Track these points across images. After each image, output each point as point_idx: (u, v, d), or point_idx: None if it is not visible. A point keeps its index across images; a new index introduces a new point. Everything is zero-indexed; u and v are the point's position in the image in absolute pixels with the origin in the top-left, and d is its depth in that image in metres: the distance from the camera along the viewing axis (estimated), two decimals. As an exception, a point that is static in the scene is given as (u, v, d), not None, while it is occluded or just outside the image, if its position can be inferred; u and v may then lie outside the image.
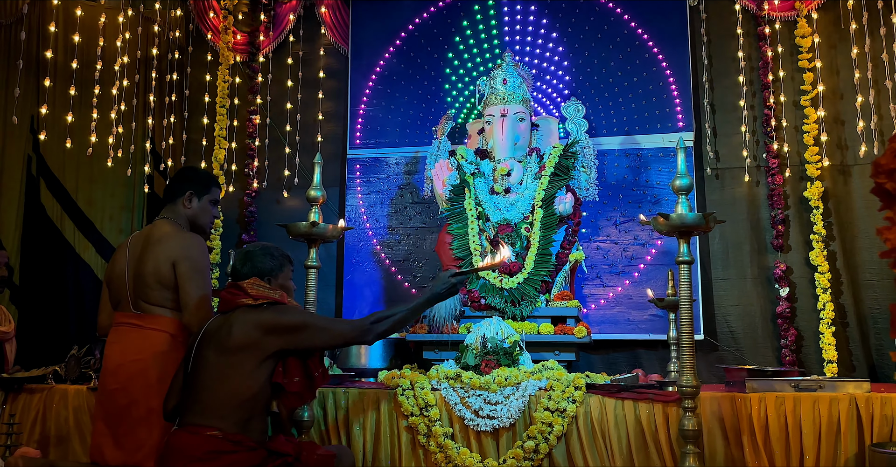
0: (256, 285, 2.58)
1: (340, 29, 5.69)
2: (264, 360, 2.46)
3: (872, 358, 4.47)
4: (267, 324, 2.47)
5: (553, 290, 4.40)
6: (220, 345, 2.46)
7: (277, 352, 2.49)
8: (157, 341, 2.77)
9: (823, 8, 4.88)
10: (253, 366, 2.44)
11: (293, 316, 2.53)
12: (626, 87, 5.16)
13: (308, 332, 2.51)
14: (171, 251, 2.80)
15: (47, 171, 5.29)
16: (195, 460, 2.32)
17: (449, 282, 2.67)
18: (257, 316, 2.49)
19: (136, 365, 2.75)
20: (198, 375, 2.47)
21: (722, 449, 3.12)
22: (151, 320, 2.81)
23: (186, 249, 2.83)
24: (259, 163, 5.62)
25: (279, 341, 2.48)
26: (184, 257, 2.79)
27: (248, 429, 2.43)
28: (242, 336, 2.45)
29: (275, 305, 2.56)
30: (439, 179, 4.72)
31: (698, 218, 2.86)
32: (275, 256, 2.69)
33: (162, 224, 2.93)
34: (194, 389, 2.46)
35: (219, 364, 2.44)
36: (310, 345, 2.53)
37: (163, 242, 2.84)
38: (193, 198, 2.97)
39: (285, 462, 2.45)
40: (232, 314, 2.53)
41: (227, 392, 2.41)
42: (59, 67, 5.19)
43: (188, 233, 2.92)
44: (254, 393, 2.44)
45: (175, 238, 2.86)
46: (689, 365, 2.88)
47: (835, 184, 4.73)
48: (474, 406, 3.37)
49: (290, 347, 2.50)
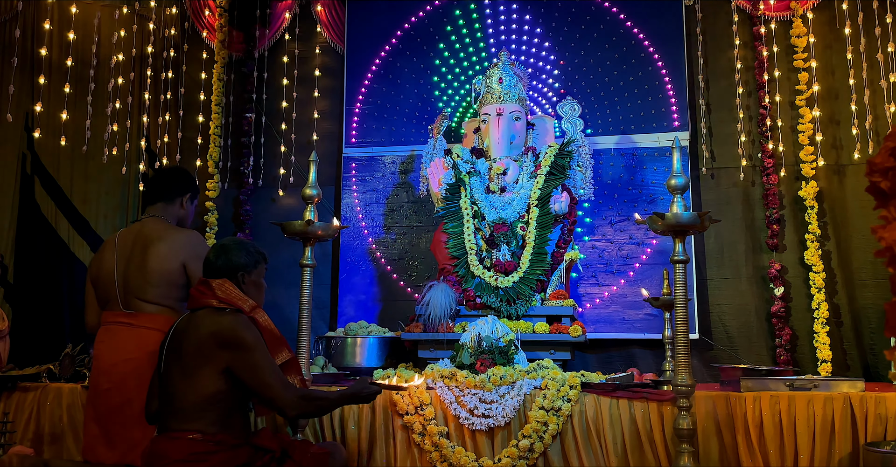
0: (225, 287, 2.51)
1: (336, 27, 5.68)
2: (221, 371, 2.38)
3: (867, 358, 4.48)
4: (222, 335, 2.38)
5: (548, 289, 4.40)
6: (188, 345, 2.41)
7: (228, 369, 2.39)
8: (151, 340, 2.74)
9: (819, 8, 4.89)
10: (214, 372, 2.37)
11: (249, 334, 2.40)
12: (622, 87, 5.16)
13: (249, 360, 2.37)
14: (181, 250, 2.83)
15: (42, 169, 5.27)
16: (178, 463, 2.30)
17: (370, 388, 2.65)
18: (217, 320, 2.41)
19: (129, 364, 2.74)
20: (170, 377, 2.44)
21: (716, 448, 3.13)
22: (146, 319, 2.79)
23: (196, 248, 2.86)
24: (254, 162, 5.61)
25: (227, 357, 2.37)
26: (196, 256, 2.80)
27: (228, 427, 2.40)
28: (197, 343, 2.39)
29: (238, 315, 2.47)
30: (435, 178, 4.72)
31: (693, 217, 2.87)
32: (250, 252, 2.63)
33: (154, 222, 2.92)
34: (168, 392, 2.43)
35: (185, 366, 2.40)
36: (245, 375, 2.38)
37: (166, 240, 2.84)
38: (190, 200, 3.06)
39: (272, 457, 2.43)
40: (196, 314, 2.48)
41: (199, 393, 2.36)
42: (54, 65, 5.18)
43: (192, 232, 2.96)
44: (226, 392, 2.39)
45: (180, 236, 2.89)
46: (684, 365, 2.88)
47: (830, 183, 4.74)
48: (469, 405, 3.37)
49: (232, 368, 2.38)
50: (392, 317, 4.90)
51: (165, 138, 5.57)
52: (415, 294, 5.03)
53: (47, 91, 5.07)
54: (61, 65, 5.08)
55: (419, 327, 4.25)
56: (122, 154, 5.28)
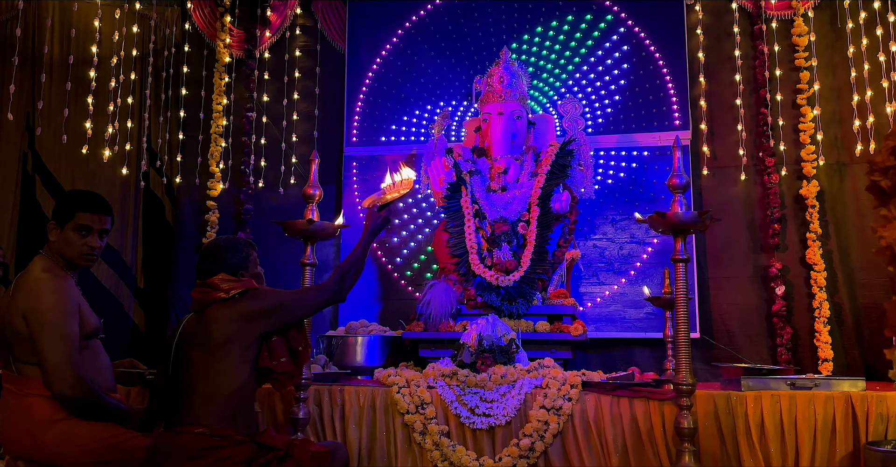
0: (226, 280, 2.55)
1: (337, 26, 5.68)
2: (248, 347, 2.48)
3: (868, 357, 4.47)
4: (245, 314, 2.48)
5: (549, 288, 4.40)
6: (202, 343, 2.45)
7: (260, 337, 2.51)
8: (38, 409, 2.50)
9: (820, 6, 4.89)
10: (238, 357, 2.44)
11: (268, 299, 2.55)
12: (623, 85, 5.16)
13: (285, 310, 2.55)
14: (21, 300, 2.50)
15: (43, 168, 5.27)
16: (184, 459, 2.31)
17: (379, 216, 2.81)
18: (233, 307, 2.49)
19: (25, 438, 2.51)
20: (181, 376, 2.47)
21: (717, 447, 3.13)
22: (26, 383, 2.52)
23: (35, 299, 2.49)
24: (255, 161, 5.61)
25: (260, 326, 2.50)
26: (32, 309, 2.48)
27: (235, 423, 2.42)
28: (224, 329, 2.45)
29: (246, 293, 2.55)
30: (436, 177, 4.72)
31: (694, 216, 2.87)
32: (239, 249, 2.64)
33: (33, 262, 2.62)
34: (177, 390, 2.46)
35: (202, 362, 2.43)
36: (290, 320, 2.58)
37: (19, 288, 2.55)
38: (55, 229, 2.62)
39: (276, 455, 2.44)
40: (206, 311, 2.51)
41: (213, 388, 2.40)
42: (55, 64, 5.18)
43: (44, 275, 2.55)
44: (239, 385, 2.43)
45: (28, 282, 2.54)
46: (685, 364, 2.88)
47: (831, 182, 4.74)
48: (470, 404, 3.37)
49: (272, 329, 2.53)
50: (393, 315, 4.90)
51: (166, 137, 5.57)
52: (416, 293, 5.03)
53: (48, 89, 5.07)
54: (62, 63, 5.08)
55: (420, 326, 4.25)
56: (123, 153, 5.28)
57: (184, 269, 5.38)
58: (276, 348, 2.54)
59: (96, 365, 2.65)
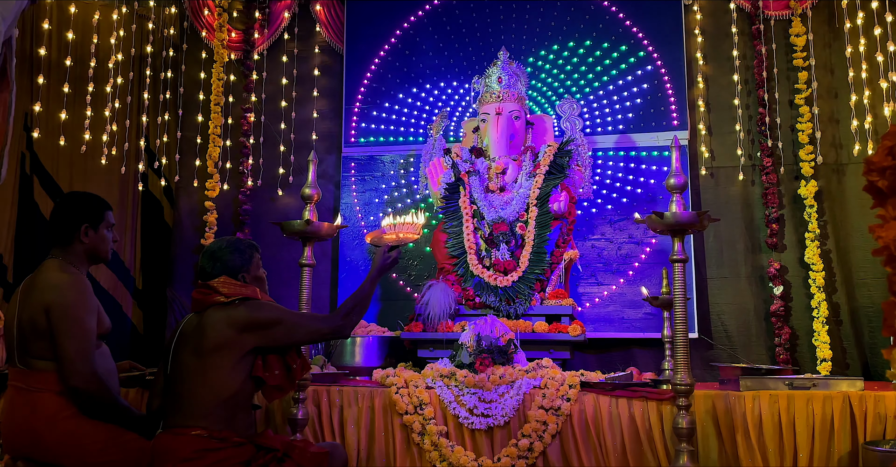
0: (227, 283, 2.53)
1: (335, 26, 5.68)
2: (242, 357, 2.44)
3: (866, 357, 4.48)
4: (241, 322, 2.43)
5: (548, 289, 4.40)
6: (196, 346, 2.44)
7: (254, 350, 2.47)
8: (44, 404, 2.54)
9: (818, 7, 4.89)
10: (231, 365, 2.41)
11: (267, 312, 2.50)
12: (621, 86, 5.17)
13: (282, 329, 2.49)
14: (44, 295, 2.56)
15: (41, 169, 5.26)
16: (182, 460, 2.31)
17: (389, 256, 2.86)
18: (230, 313, 2.45)
19: (27, 435, 2.55)
20: (177, 377, 2.46)
21: (716, 447, 3.13)
22: (36, 378, 2.57)
23: (60, 294, 2.57)
24: (253, 161, 5.61)
25: (254, 338, 2.45)
26: (56, 303, 2.55)
27: (233, 425, 2.41)
28: (217, 335, 2.42)
29: (247, 301, 2.51)
30: (434, 178, 4.72)
31: (693, 216, 2.87)
32: (242, 250, 2.62)
33: (47, 265, 2.69)
34: (175, 391, 2.46)
35: (197, 365, 2.42)
36: (286, 341, 2.52)
37: (38, 286, 2.61)
38: (89, 230, 2.73)
39: (274, 456, 2.43)
40: (204, 313, 2.49)
41: (209, 391, 2.39)
42: (53, 65, 5.17)
43: (65, 275, 2.63)
44: (235, 390, 2.42)
45: (51, 280, 2.61)
46: (684, 364, 2.89)
47: (829, 182, 4.74)
48: (469, 404, 3.37)
49: (265, 344, 2.48)
50: (391, 316, 4.90)
51: (165, 138, 5.56)
52: (414, 293, 5.03)
53: (46, 91, 5.06)
54: (60, 64, 5.07)
55: (419, 326, 4.25)
56: (122, 154, 5.27)
57: (182, 270, 5.37)
58: (271, 361, 2.51)
59: (106, 369, 2.68)
